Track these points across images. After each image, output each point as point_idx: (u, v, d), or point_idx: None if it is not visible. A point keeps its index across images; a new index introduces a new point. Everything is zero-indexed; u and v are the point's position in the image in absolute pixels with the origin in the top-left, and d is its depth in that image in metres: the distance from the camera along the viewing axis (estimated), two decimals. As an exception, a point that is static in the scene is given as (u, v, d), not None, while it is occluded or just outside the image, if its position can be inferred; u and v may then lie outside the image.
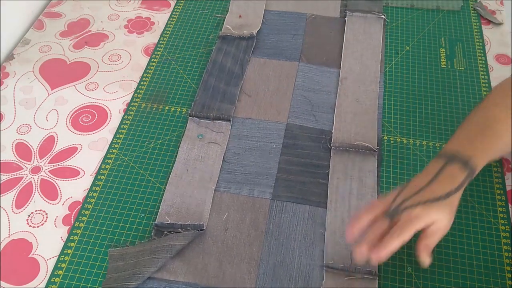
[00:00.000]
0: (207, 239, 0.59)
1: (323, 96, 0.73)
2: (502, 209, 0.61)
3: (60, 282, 0.56)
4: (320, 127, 0.70)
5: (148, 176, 0.65)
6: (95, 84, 0.77)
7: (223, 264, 0.57)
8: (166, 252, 0.56)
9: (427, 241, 0.52)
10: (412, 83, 0.75)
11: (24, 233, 0.61)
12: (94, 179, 0.65)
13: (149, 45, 0.83)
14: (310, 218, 0.61)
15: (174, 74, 0.78)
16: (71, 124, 0.72)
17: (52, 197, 0.64)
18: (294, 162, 0.66)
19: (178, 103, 0.74)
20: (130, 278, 0.54)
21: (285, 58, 0.79)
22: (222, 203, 0.62)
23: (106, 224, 0.61)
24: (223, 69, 0.77)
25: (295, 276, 0.56)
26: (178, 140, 0.69)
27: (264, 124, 0.70)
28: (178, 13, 0.88)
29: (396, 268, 0.57)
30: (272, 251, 0.58)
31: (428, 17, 0.85)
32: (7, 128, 0.71)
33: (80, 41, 0.83)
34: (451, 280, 0.56)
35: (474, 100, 0.72)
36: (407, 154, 0.67)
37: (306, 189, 0.63)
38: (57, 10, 0.89)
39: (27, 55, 0.81)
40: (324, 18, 0.85)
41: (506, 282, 0.56)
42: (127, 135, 0.70)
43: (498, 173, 0.64)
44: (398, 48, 0.80)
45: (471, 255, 0.58)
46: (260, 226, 0.60)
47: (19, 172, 0.66)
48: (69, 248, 0.59)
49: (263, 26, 0.84)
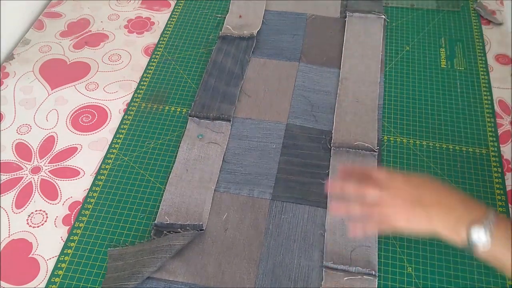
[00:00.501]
0: (207, 239, 0.59)
1: (323, 96, 0.73)
2: (502, 209, 0.61)
3: (60, 282, 0.56)
4: (320, 127, 0.70)
5: (148, 176, 0.65)
6: (95, 84, 0.77)
7: (222, 264, 0.57)
8: (166, 252, 0.56)
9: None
10: (412, 83, 0.75)
11: (24, 233, 0.61)
12: (94, 179, 0.65)
13: (149, 45, 0.83)
14: (310, 219, 0.61)
15: (174, 74, 0.78)
16: (71, 124, 0.72)
17: (52, 197, 0.64)
18: (294, 163, 0.66)
19: (178, 103, 0.74)
20: (130, 278, 0.54)
21: (285, 58, 0.79)
22: (221, 203, 0.62)
23: (106, 224, 0.61)
24: (223, 69, 0.77)
25: (295, 276, 0.56)
26: (178, 140, 0.69)
27: (264, 124, 0.70)
28: (178, 13, 0.88)
29: (396, 268, 0.57)
30: (272, 251, 0.58)
31: (428, 17, 0.85)
32: (7, 128, 0.71)
33: (80, 41, 0.83)
34: (451, 280, 0.56)
35: (474, 100, 0.72)
36: (407, 154, 0.67)
37: (306, 190, 0.63)
38: (57, 10, 0.89)
39: (27, 55, 0.81)
40: (324, 19, 0.85)
41: (506, 282, 0.55)
42: (127, 135, 0.70)
43: (498, 173, 0.64)
44: (398, 48, 0.80)
45: (471, 255, 0.57)
46: (260, 226, 0.60)
47: (19, 172, 0.66)
48: (69, 248, 0.59)
49: (263, 26, 0.84)
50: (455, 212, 0.49)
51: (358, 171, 0.56)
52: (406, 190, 0.51)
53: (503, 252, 0.47)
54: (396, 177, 0.53)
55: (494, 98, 0.73)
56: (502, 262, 0.48)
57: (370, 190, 0.51)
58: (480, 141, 0.68)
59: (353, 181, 0.53)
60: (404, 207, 0.50)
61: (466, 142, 0.68)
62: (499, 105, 0.72)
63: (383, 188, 0.51)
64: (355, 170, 0.56)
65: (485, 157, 0.66)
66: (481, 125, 0.70)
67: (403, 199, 0.50)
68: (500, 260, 0.48)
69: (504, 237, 0.47)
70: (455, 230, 0.49)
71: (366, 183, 0.52)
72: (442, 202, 0.50)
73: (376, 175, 0.53)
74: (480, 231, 0.47)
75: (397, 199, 0.51)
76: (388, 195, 0.51)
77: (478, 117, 0.70)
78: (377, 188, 0.51)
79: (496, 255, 0.48)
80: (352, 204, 0.53)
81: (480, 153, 0.66)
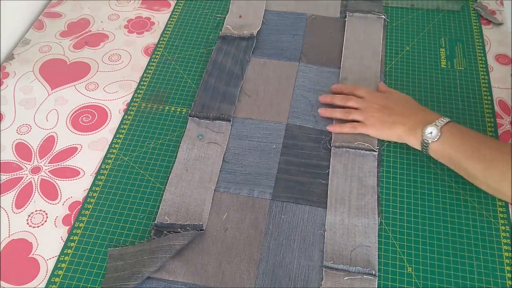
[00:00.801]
0: (207, 239, 0.59)
1: (323, 96, 0.73)
2: (502, 209, 0.61)
3: (60, 282, 0.56)
4: (320, 128, 0.70)
5: (148, 176, 0.65)
6: (95, 84, 0.77)
7: (222, 264, 0.57)
8: (166, 252, 0.56)
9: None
10: (412, 83, 0.75)
11: (24, 233, 0.61)
12: (94, 179, 0.65)
13: (149, 45, 0.83)
14: (310, 219, 0.61)
15: (174, 74, 0.78)
16: (71, 124, 0.72)
17: (52, 197, 0.64)
18: (294, 163, 0.66)
19: (178, 103, 0.74)
20: (130, 278, 0.54)
21: (285, 58, 0.79)
22: (221, 203, 0.62)
23: (106, 224, 0.61)
24: (223, 69, 0.77)
25: (295, 276, 0.56)
26: (178, 140, 0.69)
27: (264, 124, 0.70)
28: (178, 13, 0.88)
29: (396, 268, 0.57)
30: (272, 251, 0.58)
31: (428, 17, 0.85)
32: (7, 128, 0.71)
33: (80, 41, 0.83)
34: (451, 280, 0.56)
35: (474, 100, 0.72)
36: (407, 154, 0.67)
37: (306, 190, 0.63)
38: (57, 10, 0.89)
39: (27, 55, 0.81)
40: (324, 18, 0.85)
41: (506, 282, 0.56)
42: (127, 135, 0.70)
43: (498, 173, 0.64)
44: (398, 48, 0.80)
45: (471, 255, 0.58)
46: (260, 226, 0.60)
47: (19, 172, 0.66)
48: (69, 248, 0.59)
49: (263, 27, 0.84)
50: (414, 117, 0.62)
51: (345, 90, 0.71)
52: (378, 101, 0.66)
53: (449, 147, 0.58)
54: (373, 92, 0.69)
55: (494, 98, 0.73)
56: (449, 156, 0.59)
57: (351, 101, 0.68)
58: (480, 141, 0.68)
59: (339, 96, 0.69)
60: (375, 113, 0.65)
61: (466, 142, 0.68)
62: (499, 105, 0.72)
63: (362, 101, 0.67)
64: (342, 88, 0.72)
65: (485, 157, 0.66)
66: (481, 125, 0.70)
67: (375, 108, 0.65)
68: (447, 154, 0.59)
69: (451, 133, 0.59)
70: (413, 131, 0.61)
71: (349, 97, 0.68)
72: (405, 111, 0.64)
73: (358, 92, 0.69)
74: (432, 129, 0.59)
75: (370, 107, 0.66)
76: (364, 103, 0.67)
77: (478, 117, 0.70)
78: (358, 101, 0.67)
79: (443, 150, 0.59)
80: (336, 110, 0.69)
81: (480, 153, 0.66)
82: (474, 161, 0.57)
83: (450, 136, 0.59)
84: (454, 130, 0.60)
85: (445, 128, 0.59)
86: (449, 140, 0.59)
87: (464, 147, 0.58)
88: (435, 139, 0.59)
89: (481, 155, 0.57)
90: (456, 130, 0.60)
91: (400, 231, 0.60)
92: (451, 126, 0.60)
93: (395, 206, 0.62)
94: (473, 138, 0.59)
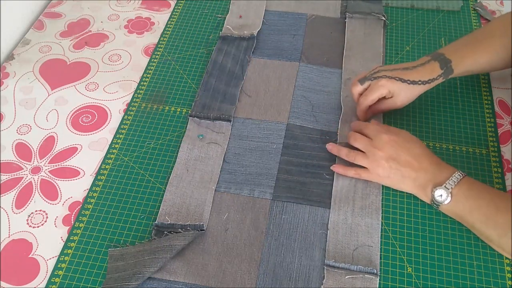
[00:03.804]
0: (207, 239, 0.59)
1: (323, 96, 0.73)
2: (502, 209, 0.61)
3: (60, 282, 0.56)
4: (320, 128, 0.70)
5: (148, 176, 0.65)
6: (95, 84, 0.77)
7: (223, 264, 0.57)
8: (166, 252, 0.56)
9: (379, 105, 0.66)
10: (412, 83, 0.75)
11: (24, 233, 0.61)
12: (94, 179, 0.65)
13: (149, 45, 0.83)
14: (311, 219, 0.61)
15: (174, 74, 0.78)
16: (71, 124, 0.72)
17: (52, 197, 0.64)
18: (295, 163, 0.66)
19: (178, 103, 0.74)
20: (130, 278, 0.54)
21: (286, 58, 0.79)
22: (222, 203, 0.62)
23: (106, 224, 0.61)
24: (223, 70, 0.77)
25: (295, 276, 0.56)
26: (178, 140, 0.69)
27: (265, 125, 0.70)
28: (178, 13, 0.88)
29: (396, 268, 0.57)
30: (272, 251, 0.58)
31: (428, 17, 0.85)
32: (7, 128, 0.71)
33: (80, 41, 0.83)
34: (451, 280, 0.56)
35: (474, 100, 0.73)
36: (407, 154, 0.67)
37: (306, 190, 0.63)
38: (57, 10, 0.89)
39: (27, 55, 0.81)
40: (324, 19, 0.85)
41: (506, 282, 0.56)
42: (127, 135, 0.70)
43: (498, 173, 0.64)
44: (398, 48, 0.80)
45: (471, 255, 0.58)
46: (261, 226, 0.60)
47: (19, 172, 0.66)
48: (69, 248, 0.59)
49: (264, 27, 0.84)
50: (424, 174, 0.59)
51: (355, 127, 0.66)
52: (386, 149, 0.60)
53: (461, 209, 0.56)
54: (382, 133, 0.61)
55: (494, 98, 0.73)
56: (461, 217, 0.57)
57: (358, 143, 0.63)
58: (480, 141, 0.68)
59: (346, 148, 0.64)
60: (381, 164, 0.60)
61: (466, 142, 0.68)
62: (499, 105, 0.72)
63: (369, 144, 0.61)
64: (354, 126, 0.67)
65: (485, 157, 0.66)
66: (481, 125, 0.70)
67: (382, 157, 0.60)
68: (460, 216, 0.57)
69: (464, 196, 0.56)
70: (422, 190, 0.59)
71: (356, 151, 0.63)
72: (414, 163, 0.59)
73: (367, 131, 0.63)
74: (442, 192, 0.57)
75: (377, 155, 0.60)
76: (370, 147, 0.61)
77: (478, 117, 0.71)
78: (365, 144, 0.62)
79: (456, 212, 0.57)
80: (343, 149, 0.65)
81: (480, 153, 0.67)
82: (488, 228, 0.55)
83: (462, 199, 0.56)
84: (466, 193, 0.56)
85: (455, 191, 0.56)
86: (461, 203, 0.56)
87: (477, 212, 0.55)
88: (445, 203, 0.57)
89: (496, 222, 0.54)
90: (468, 192, 0.56)
91: (400, 231, 0.60)
92: (462, 187, 0.56)
93: (395, 206, 0.62)
94: (486, 201, 0.55)
